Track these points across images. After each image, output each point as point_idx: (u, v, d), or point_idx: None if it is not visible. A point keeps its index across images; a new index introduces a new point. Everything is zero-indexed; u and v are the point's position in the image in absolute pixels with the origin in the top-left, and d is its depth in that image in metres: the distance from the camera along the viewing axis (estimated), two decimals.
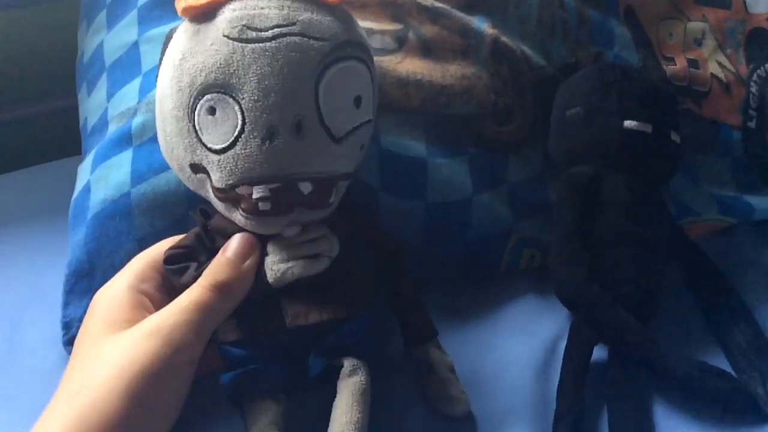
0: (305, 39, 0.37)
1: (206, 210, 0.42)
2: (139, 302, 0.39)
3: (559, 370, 0.47)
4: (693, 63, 0.63)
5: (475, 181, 0.54)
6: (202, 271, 0.40)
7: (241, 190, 0.37)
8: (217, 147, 0.37)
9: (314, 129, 0.37)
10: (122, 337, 0.37)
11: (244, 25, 0.36)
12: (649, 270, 0.50)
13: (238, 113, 0.36)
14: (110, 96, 0.56)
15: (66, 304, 0.49)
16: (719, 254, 0.55)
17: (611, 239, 0.50)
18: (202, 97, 0.36)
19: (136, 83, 0.54)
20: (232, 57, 0.36)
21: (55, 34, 0.76)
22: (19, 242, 0.62)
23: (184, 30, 0.39)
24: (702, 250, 0.54)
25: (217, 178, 0.37)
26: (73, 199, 0.53)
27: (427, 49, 0.55)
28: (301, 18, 0.37)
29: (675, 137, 0.52)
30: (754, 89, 0.62)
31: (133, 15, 0.58)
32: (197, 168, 0.39)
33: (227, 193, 0.38)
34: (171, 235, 0.47)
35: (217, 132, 0.37)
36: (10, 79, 0.81)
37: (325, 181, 0.39)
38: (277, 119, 0.36)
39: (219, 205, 0.40)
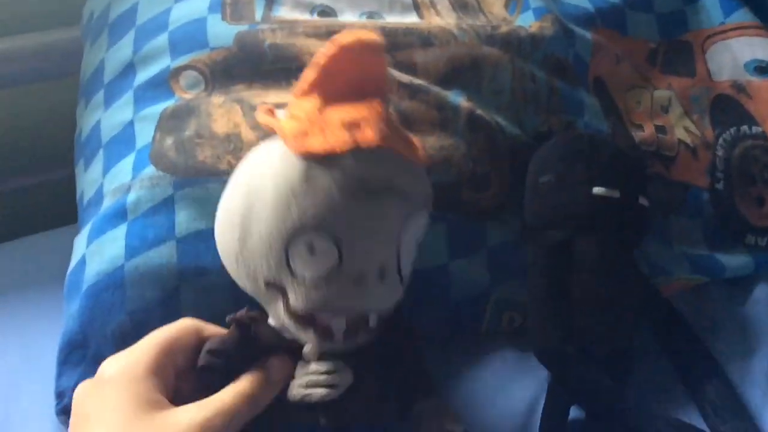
0: (402, 199, 0.41)
1: (253, 315, 0.43)
2: (160, 388, 0.40)
3: (537, 430, 0.49)
4: (660, 129, 0.66)
5: (452, 247, 0.56)
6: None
7: (320, 318, 0.41)
8: (309, 280, 0.40)
9: (392, 275, 0.42)
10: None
11: (358, 186, 0.39)
12: (622, 330, 0.52)
13: (336, 256, 0.39)
14: (106, 171, 0.58)
15: (59, 375, 0.51)
16: (691, 311, 0.57)
17: (584, 301, 0.52)
18: (306, 234, 0.39)
19: (129, 160, 0.57)
20: (344, 213, 0.39)
21: (56, 110, 0.80)
22: (15, 311, 0.64)
23: (292, 164, 0.40)
24: (674, 308, 0.56)
25: (299, 302, 0.40)
26: (69, 271, 0.55)
27: (407, 123, 0.58)
28: (400, 179, 0.41)
29: (643, 201, 0.55)
30: (720, 152, 0.65)
31: (129, 95, 0.61)
32: (273, 286, 0.41)
33: (304, 316, 0.41)
34: (161, 308, 0.50)
35: (311, 266, 0.40)
36: (12, 150, 0.85)
37: (385, 313, 0.43)
38: (368, 267, 0.40)
39: (287, 322, 0.41)
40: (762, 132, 0.66)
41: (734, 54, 0.70)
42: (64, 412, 0.51)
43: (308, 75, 0.41)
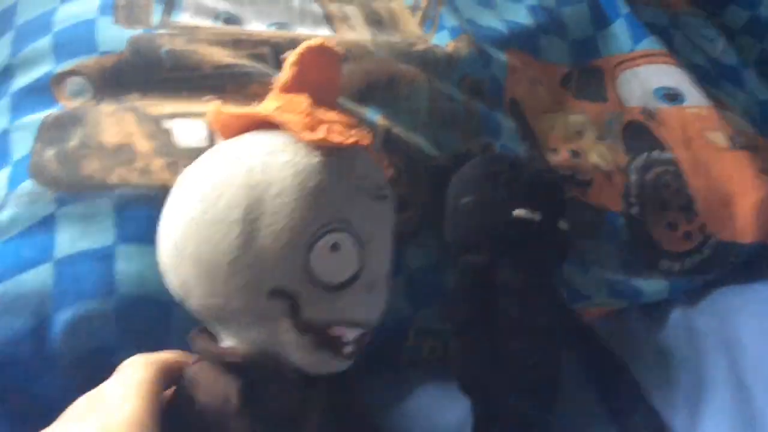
0: (392, 201, 0.41)
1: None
2: None
3: None
4: (575, 153, 0.65)
5: None
6: None
7: (334, 331, 0.37)
8: (331, 283, 0.36)
9: (390, 280, 0.41)
10: None
11: (374, 181, 0.39)
12: (546, 357, 0.50)
13: (357, 259, 0.37)
14: None
15: None
16: (612, 339, 0.55)
17: (507, 327, 0.49)
18: (334, 232, 0.36)
19: (4, 173, 0.50)
20: (368, 211, 0.38)
21: None
22: None
23: (309, 155, 0.37)
24: (597, 335, 0.54)
25: (315, 312, 0.36)
26: None
27: None
28: (386, 182, 0.41)
29: (563, 225, 0.53)
30: (633, 178, 0.65)
31: (5, 102, 0.54)
32: (282, 294, 0.36)
33: (317, 330, 0.37)
34: (31, 339, 0.44)
35: (333, 269, 0.37)
36: None
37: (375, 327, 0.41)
38: (380, 273, 0.39)
39: (291, 338, 0.37)
40: (671, 158, 0.66)
41: (643, 81, 0.71)
42: None
43: (287, 72, 0.40)
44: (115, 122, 0.51)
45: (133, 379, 0.34)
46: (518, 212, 0.51)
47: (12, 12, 0.59)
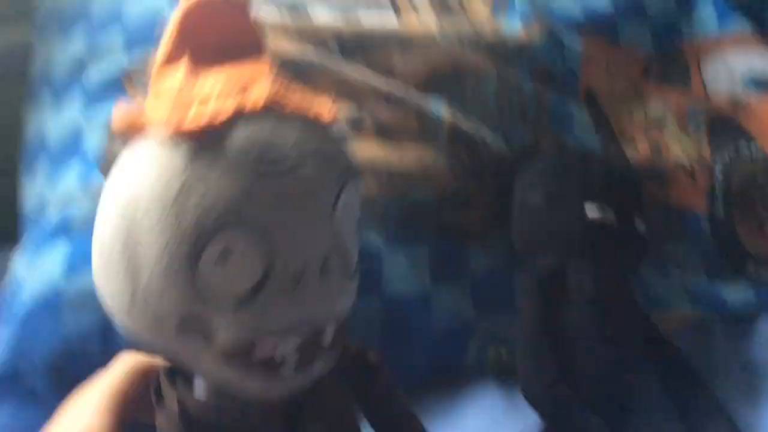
0: (322, 166, 0.32)
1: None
2: None
3: None
4: (655, 147, 0.61)
5: (434, 274, 0.51)
6: None
7: (263, 346, 0.31)
8: (235, 296, 0.30)
9: (336, 267, 0.32)
10: None
11: (259, 154, 0.30)
12: (620, 369, 0.47)
13: (261, 256, 0.30)
14: (50, 181, 0.53)
15: None
16: (694, 351, 0.52)
17: (578, 335, 0.47)
18: (214, 238, 0.29)
19: (77, 167, 0.51)
20: (251, 191, 0.29)
21: None
22: None
23: (173, 152, 0.29)
24: (676, 347, 0.51)
25: (231, 334, 0.30)
26: (4, 294, 0.49)
27: (382, 133, 0.53)
28: (313, 143, 0.32)
29: (640, 225, 0.50)
30: (718, 174, 0.61)
31: (79, 96, 0.56)
32: (191, 327, 0.30)
33: (241, 354, 0.30)
34: (99, 335, 0.45)
35: (233, 280, 0.30)
36: None
37: (342, 322, 0.34)
38: (305, 262, 0.31)
39: (222, 373, 0.31)
40: (762, 152, 0.61)
41: (730, 66, 0.66)
42: None
43: (166, 37, 0.31)
44: None
45: (103, 381, 0.34)
46: (590, 212, 0.49)
47: (85, 3, 0.60)
